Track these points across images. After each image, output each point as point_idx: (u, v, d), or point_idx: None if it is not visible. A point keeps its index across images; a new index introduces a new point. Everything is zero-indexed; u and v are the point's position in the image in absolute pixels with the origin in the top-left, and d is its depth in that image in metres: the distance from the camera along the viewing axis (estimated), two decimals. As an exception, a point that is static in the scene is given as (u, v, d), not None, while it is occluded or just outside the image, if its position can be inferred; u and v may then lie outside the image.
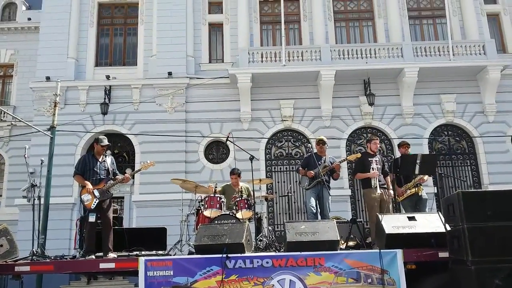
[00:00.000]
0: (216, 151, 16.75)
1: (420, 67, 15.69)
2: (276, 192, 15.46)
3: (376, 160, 7.53)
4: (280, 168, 16.38)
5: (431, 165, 7.61)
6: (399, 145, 8.29)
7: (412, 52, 16.16)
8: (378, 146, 7.94)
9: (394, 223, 5.90)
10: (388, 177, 7.67)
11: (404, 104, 16.13)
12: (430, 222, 5.88)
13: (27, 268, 5.91)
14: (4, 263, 5.79)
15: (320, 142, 7.87)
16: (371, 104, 15.92)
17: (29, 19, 20.31)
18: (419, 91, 16.06)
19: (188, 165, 15.99)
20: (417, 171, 7.42)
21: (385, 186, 7.50)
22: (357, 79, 16.27)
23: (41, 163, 8.04)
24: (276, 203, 15.80)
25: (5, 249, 5.90)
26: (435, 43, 16.67)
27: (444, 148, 16.38)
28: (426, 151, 15.59)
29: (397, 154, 14.36)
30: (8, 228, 6.08)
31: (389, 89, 16.35)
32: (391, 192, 7.65)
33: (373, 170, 7.34)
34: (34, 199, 7.33)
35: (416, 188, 7.77)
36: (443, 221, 5.71)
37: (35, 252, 6.70)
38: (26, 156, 7.31)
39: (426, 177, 7.95)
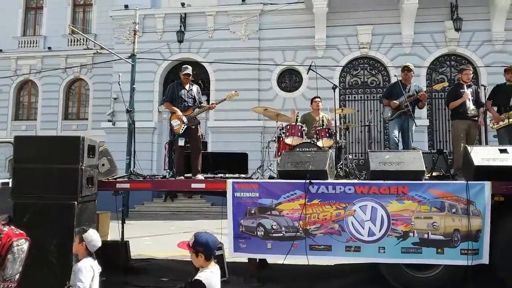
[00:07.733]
0: (289, 79, 16.66)
1: (516, -13, 14.22)
2: (349, 121, 15.27)
3: (470, 92, 7.14)
4: (355, 97, 16.07)
5: (527, 97, 7.05)
6: (506, 70, 7.31)
7: (507, -30, 14.59)
8: (471, 76, 7.44)
9: (483, 155, 5.69)
10: (481, 108, 7.25)
11: (494, 30, 14.86)
12: (525, 155, 5.60)
13: (127, 186, 6.49)
14: (107, 180, 6.37)
15: (405, 69, 7.50)
16: (457, 29, 14.84)
17: None
18: (512, 15, 14.70)
19: (261, 93, 16.13)
20: (512, 103, 6.94)
21: (476, 118, 7.13)
22: (443, 2, 15.13)
23: (120, 89, 8.34)
24: (353, 133, 15.63)
25: (106, 168, 6.47)
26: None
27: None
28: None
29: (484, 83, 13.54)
30: (108, 149, 6.63)
31: (478, 12, 15.06)
32: (482, 123, 7.22)
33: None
34: (129, 123, 7.77)
35: None
36: (540, 155, 5.43)
37: (132, 172, 7.30)
38: (120, 83, 7.68)
39: None
